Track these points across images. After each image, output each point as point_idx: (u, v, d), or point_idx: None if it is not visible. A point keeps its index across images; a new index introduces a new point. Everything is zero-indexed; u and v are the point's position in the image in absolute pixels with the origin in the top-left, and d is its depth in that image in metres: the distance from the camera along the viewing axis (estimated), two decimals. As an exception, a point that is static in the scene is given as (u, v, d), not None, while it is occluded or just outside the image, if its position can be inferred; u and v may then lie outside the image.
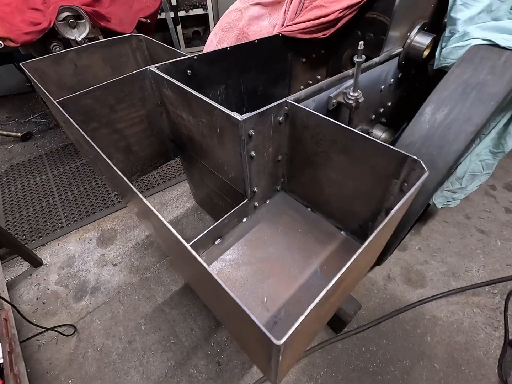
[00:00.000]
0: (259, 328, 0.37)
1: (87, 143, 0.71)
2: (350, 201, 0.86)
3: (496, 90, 0.87)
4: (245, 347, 0.65)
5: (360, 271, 0.72)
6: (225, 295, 0.40)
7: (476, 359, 1.34)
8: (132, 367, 1.33)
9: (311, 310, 0.38)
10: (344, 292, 0.67)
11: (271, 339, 0.36)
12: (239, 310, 0.39)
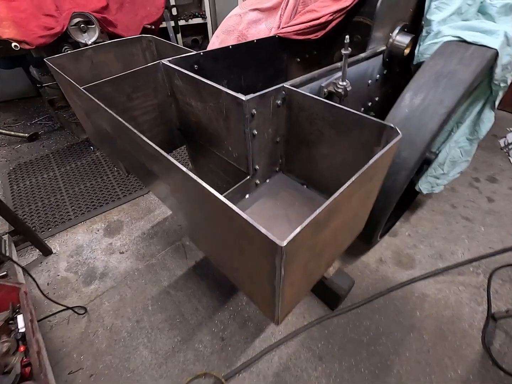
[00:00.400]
0: (264, 235, 0.48)
1: (113, 121, 0.83)
2: (340, 173, 0.98)
3: (464, 77, 1.01)
4: (251, 287, 0.75)
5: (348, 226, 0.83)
6: (236, 215, 0.51)
7: (462, 330, 1.44)
8: (141, 343, 1.41)
9: (309, 222, 0.49)
10: (336, 240, 0.78)
11: (275, 241, 0.47)
12: (248, 227, 0.50)
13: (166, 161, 0.66)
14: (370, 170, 0.63)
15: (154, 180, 0.89)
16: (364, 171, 0.60)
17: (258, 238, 0.50)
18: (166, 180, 0.77)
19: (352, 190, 0.61)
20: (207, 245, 0.87)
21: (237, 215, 0.52)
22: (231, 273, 0.82)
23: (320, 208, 0.52)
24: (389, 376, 1.30)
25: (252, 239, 0.53)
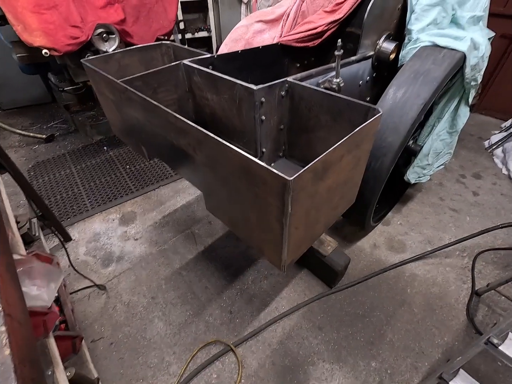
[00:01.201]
0: (275, 173, 0.65)
1: (147, 106, 1.01)
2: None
3: (437, 75, 1.20)
4: (260, 236, 0.91)
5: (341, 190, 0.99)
6: (252, 162, 0.69)
7: (448, 304, 1.58)
8: (156, 316, 1.55)
9: (308, 167, 0.67)
10: (331, 201, 0.95)
11: (284, 176, 0.64)
12: (263, 170, 0.67)
13: (195, 130, 0.83)
14: (356, 136, 0.81)
15: (180, 155, 1.05)
16: (352, 135, 0.78)
17: (270, 177, 0.67)
18: (193, 151, 0.94)
19: (341, 150, 0.78)
20: (223, 210, 1.03)
21: (253, 161, 0.69)
22: (244, 230, 0.98)
23: (316, 159, 0.69)
24: (383, 343, 1.43)
25: (265, 181, 0.70)
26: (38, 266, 0.73)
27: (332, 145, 1.17)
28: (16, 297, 0.53)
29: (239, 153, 0.72)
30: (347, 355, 1.39)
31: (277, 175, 0.65)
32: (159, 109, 0.94)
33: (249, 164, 0.72)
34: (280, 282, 1.70)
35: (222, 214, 1.06)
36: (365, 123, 0.82)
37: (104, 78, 1.20)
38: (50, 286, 0.73)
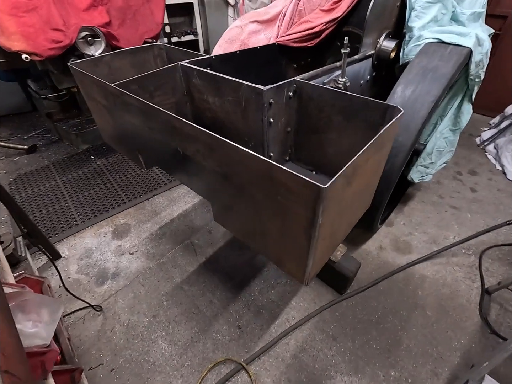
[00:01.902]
0: (307, 181, 0.58)
1: (148, 111, 0.92)
2: (348, 155, 1.09)
3: (446, 71, 1.17)
4: (281, 249, 0.83)
5: (361, 196, 0.93)
6: (279, 169, 0.61)
7: (461, 305, 1.55)
8: (159, 336, 1.44)
9: (342, 173, 0.60)
10: (352, 207, 0.88)
11: (318, 184, 0.57)
12: (291, 177, 0.60)
13: (207, 136, 0.75)
14: (382, 138, 0.75)
15: (185, 164, 0.97)
16: (379, 136, 0.72)
17: (298, 185, 0.60)
18: (202, 158, 0.85)
19: (369, 152, 0.72)
20: (235, 221, 0.95)
21: (280, 169, 0.62)
22: (261, 242, 0.91)
23: (348, 163, 0.63)
24: (400, 350, 1.38)
25: (292, 189, 0.63)
26: (33, 298, 0.63)
27: (345, 147, 1.12)
28: (13, 346, 0.43)
29: (261, 159, 0.65)
30: (365, 365, 1.33)
31: (309, 183, 0.58)
32: (163, 114, 0.86)
33: (273, 171, 0.65)
34: (288, 291, 1.63)
35: (234, 225, 0.98)
36: (391, 122, 0.77)
37: (96, 82, 1.10)
38: (47, 320, 0.63)
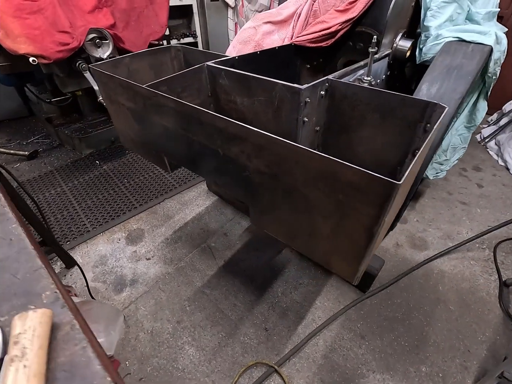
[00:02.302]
0: (379, 177, 0.57)
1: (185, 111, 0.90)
2: (381, 153, 1.10)
3: (470, 69, 1.20)
4: (332, 249, 0.83)
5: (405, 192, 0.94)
6: (346, 167, 0.61)
7: (481, 298, 1.58)
8: (186, 342, 1.41)
9: (411, 168, 0.60)
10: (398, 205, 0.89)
11: (392, 180, 0.57)
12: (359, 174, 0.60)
13: (259, 135, 0.74)
14: (433, 135, 0.76)
15: (223, 165, 0.95)
16: (432, 134, 0.72)
17: (370, 183, 0.60)
18: (246, 159, 0.84)
19: (424, 150, 0.72)
20: (278, 222, 0.94)
21: (348, 166, 0.61)
22: (306, 243, 0.90)
23: (415, 159, 0.63)
24: (428, 346, 1.39)
25: (358, 186, 0.63)
26: (96, 307, 0.60)
27: (378, 145, 1.12)
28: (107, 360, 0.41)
29: (325, 157, 0.64)
30: (396, 362, 1.34)
31: (382, 180, 0.58)
32: (206, 114, 0.84)
33: (338, 169, 0.64)
34: (311, 291, 1.62)
35: (276, 227, 0.96)
36: (440, 119, 0.77)
37: (124, 84, 1.07)
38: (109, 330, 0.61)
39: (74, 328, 0.41)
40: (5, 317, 0.42)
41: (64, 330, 0.41)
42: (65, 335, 0.40)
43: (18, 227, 0.55)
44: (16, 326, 0.37)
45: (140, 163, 2.58)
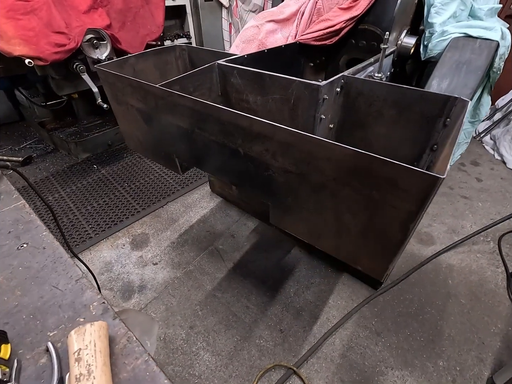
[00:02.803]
0: (420, 172, 0.56)
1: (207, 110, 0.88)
2: (397, 149, 1.10)
3: (480, 64, 1.21)
4: (361, 247, 0.82)
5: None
6: (384, 162, 0.60)
7: (490, 290, 1.60)
8: (200, 348, 1.37)
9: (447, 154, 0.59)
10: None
11: (431, 174, 0.56)
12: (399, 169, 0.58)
13: (286, 133, 0.73)
14: (457, 129, 0.76)
15: (243, 165, 0.93)
16: (456, 130, 0.72)
17: (411, 178, 0.59)
18: (271, 157, 0.82)
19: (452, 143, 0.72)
20: (301, 221, 0.92)
21: (386, 161, 0.60)
22: (331, 241, 0.88)
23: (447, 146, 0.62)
24: (443, 340, 1.40)
25: (397, 183, 0.62)
26: (133, 317, 0.57)
27: (395, 141, 1.12)
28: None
29: (362, 153, 0.63)
30: (413, 358, 1.34)
31: (424, 174, 0.57)
32: (228, 113, 0.82)
33: (374, 164, 0.63)
34: (323, 290, 1.61)
35: (298, 226, 0.95)
36: (464, 113, 0.77)
37: (136, 84, 1.04)
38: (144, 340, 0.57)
39: (131, 340, 0.38)
40: (53, 331, 0.39)
41: (121, 343, 0.38)
42: (123, 348, 0.38)
43: (49, 235, 0.52)
44: (74, 341, 0.34)
45: (140, 166, 2.52)
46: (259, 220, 2.02)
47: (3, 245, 0.50)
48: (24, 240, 0.51)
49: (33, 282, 0.44)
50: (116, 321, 0.40)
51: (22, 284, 0.44)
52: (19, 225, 0.52)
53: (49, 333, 0.38)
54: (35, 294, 0.43)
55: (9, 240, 0.51)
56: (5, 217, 0.54)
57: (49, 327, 0.39)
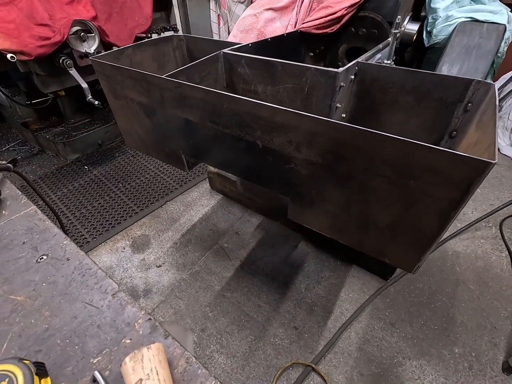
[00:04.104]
0: (468, 157, 0.53)
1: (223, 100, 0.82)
2: (413, 137, 1.07)
3: (489, 48, 1.20)
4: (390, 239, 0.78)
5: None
6: (425, 147, 0.56)
7: (497, 275, 1.62)
8: (214, 350, 1.33)
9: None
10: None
11: (483, 159, 0.52)
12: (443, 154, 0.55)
13: (315, 122, 0.68)
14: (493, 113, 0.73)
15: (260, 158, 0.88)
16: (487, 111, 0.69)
17: (456, 164, 0.55)
18: (295, 149, 0.77)
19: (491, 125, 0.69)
20: (323, 215, 0.88)
21: (428, 148, 0.56)
22: (357, 234, 0.85)
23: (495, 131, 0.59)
24: (456, 327, 1.40)
25: (439, 170, 0.58)
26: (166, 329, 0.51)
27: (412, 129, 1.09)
28: None
29: (400, 140, 0.59)
30: (429, 347, 1.34)
31: (473, 159, 0.53)
32: (247, 103, 0.77)
33: (413, 151, 0.59)
34: (334, 284, 1.59)
35: (320, 220, 0.91)
36: (488, 97, 0.74)
37: (136, 75, 0.96)
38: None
39: (191, 362, 0.33)
40: (97, 357, 0.33)
41: (180, 367, 0.33)
42: (183, 372, 0.33)
43: (71, 243, 0.46)
44: (130, 370, 0.29)
45: (134, 166, 2.42)
46: (263, 216, 1.97)
47: (19, 258, 0.43)
48: (43, 251, 0.44)
49: (62, 299, 0.38)
50: (168, 340, 0.35)
51: (49, 303, 0.38)
52: (33, 234, 0.46)
53: (92, 360, 0.33)
54: (67, 314, 0.36)
55: (25, 252, 0.44)
56: (16, 226, 0.48)
57: (91, 352, 0.33)
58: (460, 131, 0.96)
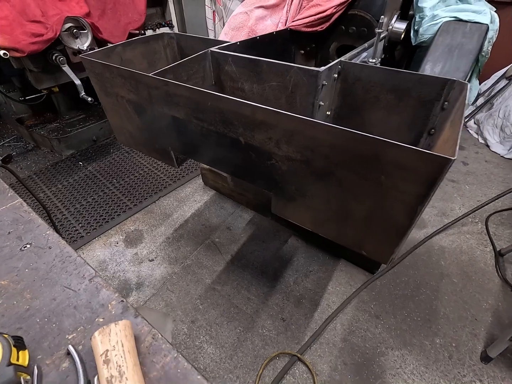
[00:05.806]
0: (429, 154, 0.57)
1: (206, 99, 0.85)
2: (394, 134, 1.10)
3: (471, 47, 1.23)
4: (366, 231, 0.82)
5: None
6: (391, 145, 0.60)
7: (480, 269, 1.67)
8: (204, 341, 1.37)
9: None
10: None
11: (443, 155, 0.56)
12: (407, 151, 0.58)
13: (292, 120, 0.71)
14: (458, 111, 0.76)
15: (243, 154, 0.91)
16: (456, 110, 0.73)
17: (420, 161, 0.59)
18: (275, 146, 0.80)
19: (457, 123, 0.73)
20: (305, 210, 0.92)
21: (396, 145, 0.60)
22: (336, 228, 0.88)
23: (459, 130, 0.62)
24: (438, 319, 1.45)
25: (406, 167, 0.62)
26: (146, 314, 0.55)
27: (393, 127, 1.12)
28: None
29: (370, 137, 0.62)
30: (411, 338, 1.38)
31: (434, 156, 0.57)
32: (228, 101, 0.79)
33: (381, 149, 0.63)
34: (322, 277, 1.63)
35: (301, 214, 0.94)
36: (462, 96, 0.78)
37: (125, 74, 0.99)
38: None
39: (157, 338, 0.37)
40: (72, 334, 0.37)
41: (147, 341, 0.36)
42: (149, 346, 0.36)
43: (54, 233, 0.49)
44: (99, 342, 0.32)
45: (128, 162, 2.45)
46: (254, 212, 2.01)
47: (4, 247, 0.47)
48: (27, 241, 0.47)
49: (42, 283, 0.41)
50: (138, 319, 0.38)
51: (30, 286, 0.42)
52: (18, 225, 0.49)
53: (67, 336, 0.36)
54: (47, 296, 0.40)
55: (10, 241, 0.47)
56: (2, 217, 0.51)
57: (67, 329, 0.37)
58: (437, 129, 0.99)
